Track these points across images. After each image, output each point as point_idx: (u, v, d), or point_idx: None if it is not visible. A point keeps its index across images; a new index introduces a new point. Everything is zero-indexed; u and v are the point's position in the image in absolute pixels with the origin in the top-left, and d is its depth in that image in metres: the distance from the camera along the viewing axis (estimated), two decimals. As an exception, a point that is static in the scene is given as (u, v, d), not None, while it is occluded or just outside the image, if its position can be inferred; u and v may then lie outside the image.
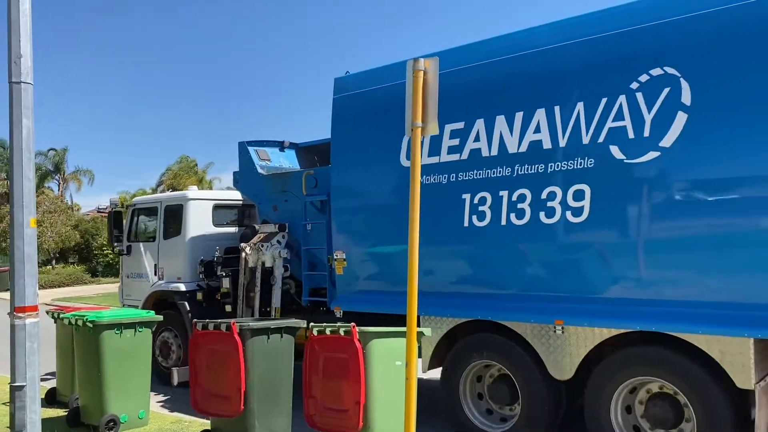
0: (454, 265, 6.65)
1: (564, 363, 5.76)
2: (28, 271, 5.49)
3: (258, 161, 9.25)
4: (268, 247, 8.26)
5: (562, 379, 5.80)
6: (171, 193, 12.32)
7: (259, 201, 9.20)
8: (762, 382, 4.89)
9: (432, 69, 4.73)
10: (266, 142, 9.69)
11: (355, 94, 7.59)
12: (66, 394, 7.84)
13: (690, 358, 5.11)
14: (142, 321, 7.09)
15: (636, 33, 5.53)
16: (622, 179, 5.46)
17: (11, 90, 5.49)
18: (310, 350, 5.84)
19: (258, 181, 9.05)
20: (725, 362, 4.91)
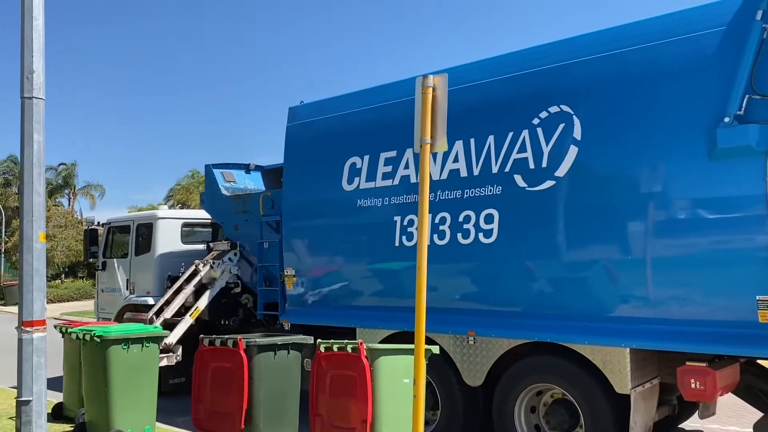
0: (386, 281, 7.25)
1: (476, 370, 6.34)
2: (36, 286, 5.48)
3: (223, 183, 9.88)
4: (219, 264, 8.88)
5: (474, 385, 6.37)
6: (143, 212, 12.99)
7: (222, 220, 9.84)
8: (639, 387, 5.46)
9: (441, 86, 4.70)
10: (233, 164, 10.33)
11: (306, 122, 8.26)
12: (73, 409, 7.74)
13: (579, 367, 5.69)
14: (150, 336, 7.03)
15: (538, 74, 6.18)
16: (524, 205, 6.08)
17: (23, 105, 5.52)
18: (316, 367, 5.87)
19: (221, 201, 9.69)
20: (606, 370, 5.49)
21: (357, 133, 7.59)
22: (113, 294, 10.74)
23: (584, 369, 5.66)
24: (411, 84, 7.36)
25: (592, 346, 5.58)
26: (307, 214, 8.11)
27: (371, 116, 7.50)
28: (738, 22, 5.10)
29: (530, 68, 6.24)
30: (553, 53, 6.15)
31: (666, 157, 5.33)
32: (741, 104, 4.94)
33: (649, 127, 5.43)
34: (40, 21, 5.56)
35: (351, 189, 7.47)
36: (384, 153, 7.25)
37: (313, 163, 8.06)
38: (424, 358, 4.57)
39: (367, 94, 7.75)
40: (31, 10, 5.55)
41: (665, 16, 5.63)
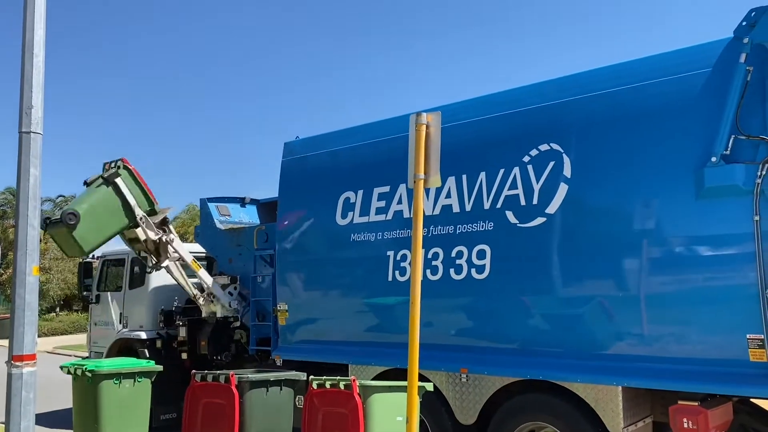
0: (379, 316, 7.24)
1: (469, 408, 6.29)
2: (27, 320, 5.43)
3: (217, 216, 9.92)
4: (217, 298, 8.85)
5: (466, 423, 6.31)
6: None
7: (216, 254, 9.84)
8: (631, 426, 5.43)
9: (434, 123, 4.79)
10: (228, 198, 10.38)
11: (301, 157, 8.34)
12: None
13: (571, 405, 5.65)
14: (142, 371, 6.99)
15: (528, 112, 6.29)
16: (516, 241, 6.11)
17: (21, 139, 5.55)
18: (308, 404, 5.83)
19: (215, 235, 9.71)
20: (599, 408, 5.46)
21: (351, 168, 7.66)
22: (106, 328, 10.66)
23: (577, 407, 5.62)
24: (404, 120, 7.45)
25: (585, 384, 5.56)
26: (301, 248, 8.13)
27: (365, 152, 7.58)
28: (723, 64, 5.21)
29: (521, 107, 6.34)
30: (543, 92, 6.26)
31: (655, 196, 5.38)
32: (727, 144, 5.01)
33: (638, 166, 5.50)
34: (40, 58, 5.65)
35: (345, 223, 7.51)
36: (377, 188, 7.31)
37: (308, 198, 8.11)
38: (417, 396, 4.51)
39: (361, 130, 7.84)
40: (32, 46, 5.66)
41: (653, 57, 5.76)
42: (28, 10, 5.70)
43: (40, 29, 5.69)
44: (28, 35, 5.66)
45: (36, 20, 5.69)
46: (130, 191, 8.21)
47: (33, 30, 5.67)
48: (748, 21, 5.12)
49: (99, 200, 8.08)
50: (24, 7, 5.71)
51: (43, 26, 5.73)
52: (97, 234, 8.03)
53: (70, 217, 7.65)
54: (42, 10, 5.74)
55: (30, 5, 5.69)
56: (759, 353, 4.78)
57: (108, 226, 8.14)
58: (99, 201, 8.08)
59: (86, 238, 7.87)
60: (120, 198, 8.14)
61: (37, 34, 5.68)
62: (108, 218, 8.11)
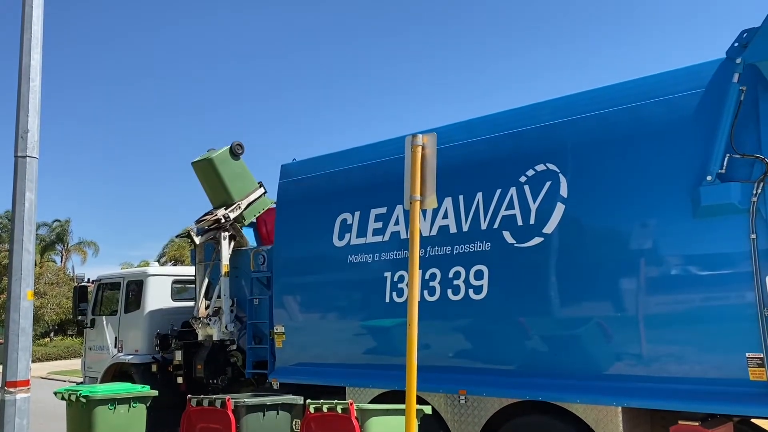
0: (377, 338, 7.19)
1: (468, 430, 6.23)
2: (22, 345, 5.38)
3: (214, 239, 9.87)
4: (215, 321, 8.79)
5: (466, 446, 6.24)
6: (133, 269, 12.94)
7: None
8: (632, 447, 5.37)
9: (430, 144, 4.82)
10: (224, 221, 10.36)
11: (297, 179, 8.35)
12: None
13: (572, 426, 5.60)
14: (137, 396, 6.93)
15: (524, 133, 6.33)
16: (513, 261, 6.11)
17: (17, 163, 5.54)
18: (305, 429, 5.76)
19: (212, 258, 9.66)
20: (599, 429, 5.41)
21: (347, 189, 7.67)
22: (101, 352, 10.57)
23: (577, 428, 5.57)
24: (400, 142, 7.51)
25: (584, 405, 5.51)
26: (298, 270, 8.10)
27: (361, 173, 7.60)
28: (716, 84, 5.27)
29: (516, 128, 6.38)
30: (538, 113, 6.30)
31: (651, 215, 5.40)
32: (722, 163, 5.05)
33: (634, 186, 5.53)
34: (36, 82, 5.68)
35: (342, 245, 7.50)
36: (374, 209, 7.31)
37: (305, 219, 8.11)
38: (415, 420, 4.47)
39: (357, 151, 7.87)
40: (29, 71, 5.69)
41: (647, 78, 5.82)
42: (24, 35, 5.74)
43: (36, 54, 5.74)
44: (25, 60, 5.71)
45: (33, 45, 5.73)
46: (255, 201, 9.61)
47: (30, 55, 5.71)
48: (740, 42, 5.19)
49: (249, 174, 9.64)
50: (21, 33, 5.75)
51: (39, 51, 5.77)
52: (225, 170, 9.23)
53: (238, 148, 9.31)
54: (39, 35, 5.78)
55: (27, 30, 5.74)
56: (759, 372, 4.76)
57: (233, 181, 9.31)
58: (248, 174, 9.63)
59: (222, 161, 9.17)
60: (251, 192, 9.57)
61: (34, 59, 5.72)
62: (238, 180, 9.38)
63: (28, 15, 5.74)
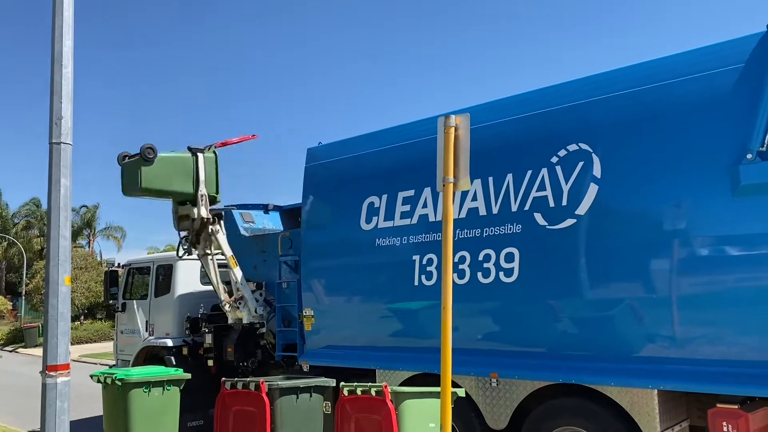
0: (406, 321, 7.18)
1: (500, 413, 6.21)
2: (61, 330, 5.40)
3: (242, 223, 9.93)
4: (244, 305, 8.86)
5: (497, 428, 6.22)
6: (162, 254, 13.08)
7: (240, 261, 9.81)
8: (668, 430, 5.31)
9: (463, 125, 4.70)
10: (251, 205, 10.39)
11: (324, 163, 8.32)
12: None
13: (605, 409, 5.54)
14: (170, 379, 6.96)
15: (556, 113, 6.20)
16: (545, 243, 6.03)
17: (51, 150, 5.54)
18: (340, 411, 5.82)
19: (240, 242, 9.70)
20: (634, 412, 5.35)
21: (375, 172, 7.62)
22: (132, 336, 10.73)
23: (611, 411, 5.52)
24: (428, 123, 7.47)
25: (619, 388, 5.45)
26: (326, 253, 8.11)
27: (389, 156, 7.54)
28: (757, 59, 5.10)
29: (548, 107, 6.26)
30: (571, 92, 6.17)
31: (688, 195, 5.28)
32: (763, 140, 4.91)
33: (671, 165, 5.40)
34: (69, 68, 5.66)
35: (369, 228, 7.48)
36: (402, 192, 7.26)
37: (332, 203, 8.10)
38: (450, 403, 4.44)
39: (384, 134, 7.81)
40: (61, 58, 5.68)
41: (684, 54, 5.65)
42: (56, 21, 5.72)
43: (68, 40, 5.71)
44: (57, 46, 5.68)
45: (64, 32, 5.71)
46: (205, 169, 8.66)
47: (61, 41, 5.69)
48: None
49: (177, 158, 8.57)
50: (52, 19, 5.74)
51: (71, 37, 5.75)
52: (160, 182, 8.37)
53: (149, 152, 8.14)
54: (70, 21, 5.77)
55: (58, 17, 5.72)
56: (801, 354, 4.65)
57: (173, 182, 8.50)
58: (177, 159, 8.57)
59: (150, 179, 8.23)
60: (195, 168, 8.60)
61: (66, 45, 5.70)
62: (176, 176, 8.52)
63: (59, 1, 5.71)
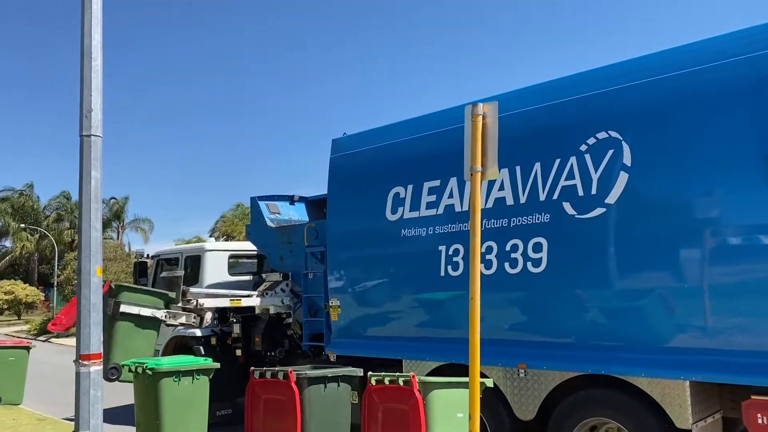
0: (432, 311, 7.17)
1: (528, 404, 6.17)
2: (93, 320, 5.53)
3: (268, 214, 9.99)
4: (272, 294, 8.93)
5: (525, 419, 6.19)
6: (191, 245, 13.25)
7: (267, 251, 9.92)
8: (701, 422, 5.23)
9: (491, 113, 4.65)
10: (277, 196, 10.46)
11: (349, 154, 8.32)
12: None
13: (636, 400, 5.48)
14: (200, 369, 7.04)
15: (584, 100, 6.11)
16: (574, 233, 5.96)
17: (82, 143, 5.64)
18: (368, 400, 5.84)
19: (266, 233, 9.78)
20: (665, 403, 5.28)
21: (400, 163, 7.60)
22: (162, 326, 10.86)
23: (641, 402, 5.45)
24: (454, 113, 7.41)
25: (649, 379, 5.38)
26: (352, 244, 8.12)
27: (414, 146, 7.51)
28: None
29: (576, 94, 6.17)
30: (599, 79, 6.07)
31: (721, 182, 5.17)
32: (800, 126, 4.77)
33: (703, 152, 5.29)
34: (98, 61, 5.73)
35: (395, 219, 7.46)
36: (427, 182, 7.23)
37: (357, 194, 8.10)
38: (479, 393, 4.42)
39: (409, 124, 7.78)
40: (90, 51, 5.76)
41: (717, 38, 5.52)
42: (85, 16, 5.81)
43: (97, 34, 5.78)
44: (86, 40, 5.76)
45: (93, 26, 5.80)
46: (139, 306, 7.96)
47: (90, 35, 5.77)
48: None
49: (124, 336, 7.84)
50: (81, 14, 5.82)
51: (100, 31, 5.82)
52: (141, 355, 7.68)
53: (112, 372, 7.53)
54: (99, 16, 5.83)
55: (87, 12, 5.80)
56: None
57: (146, 344, 8.05)
58: (124, 337, 7.84)
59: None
60: (136, 320, 7.91)
61: (95, 39, 5.77)
62: (141, 340, 7.98)
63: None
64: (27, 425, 9.60)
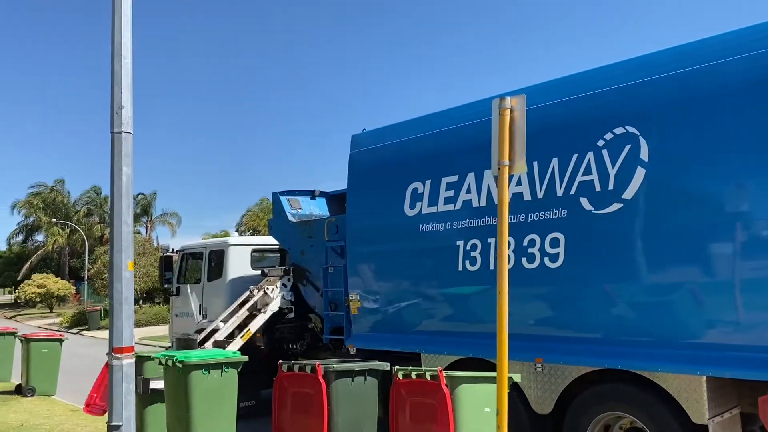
0: (450, 306, 7.23)
1: (545, 398, 6.21)
2: (125, 313, 5.54)
3: (289, 209, 10.14)
4: (273, 289, 9.08)
5: (542, 413, 6.23)
6: (214, 239, 13.45)
7: (288, 246, 10.07)
8: (717, 417, 5.22)
9: (519, 106, 4.68)
10: (298, 191, 10.60)
11: (368, 149, 8.41)
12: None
13: (652, 395, 5.49)
14: (229, 362, 7.09)
15: (603, 95, 6.09)
16: (591, 228, 5.96)
17: (113, 139, 5.64)
18: (395, 394, 5.84)
19: (288, 227, 9.93)
20: (681, 398, 5.28)
21: (418, 158, 7.66)
22: (187, 319, 11.12)
23: (657, 397, 5.45)
24: (469, 109, 7.46)
25: (666, 374, 5.38)
26: (371, 239, 8.21)
27: (432, 142, 7.56)
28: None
29: (594, 89, 6.16)
30: (617, 74, 6.05)
31: (739, 177, 5.14)
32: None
33: (720, 147, 5.26)
34: (128, 60, 5.73)
35: (413, 214, 7.53)
36: (445, 178, 7.28)
37: (376, 189, 8.18)
38: (506, 388, 4.39)
39: (426, 120, 7.82)
40: (121, 49, 5.73)
41: (733, 33, 5.47)
42: (115, 14, 5.76)
43: (127, 32, 5.76)
44: (116, 38, 5.73)
45: (123, 24, 5.75)
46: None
47: (120, 33, 5.73)
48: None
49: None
50: (111, 12, 5.78)
51: (129, 29, 5.78)
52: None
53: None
54: (128, 13, 5.79)
55: (117, 10, 5.76)
56: None
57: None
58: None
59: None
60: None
61: (125, 37, 5.74)
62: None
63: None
64: (60, 416, 9.89)
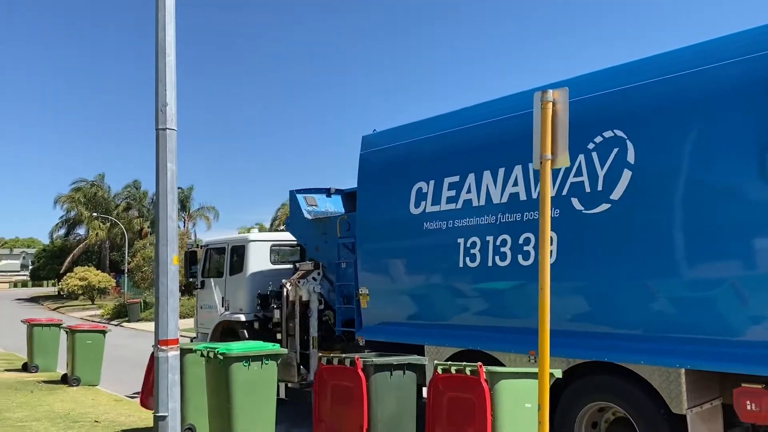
0: (451, 301, 7.57)
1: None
2: (171, 306, 5.63)
3: (305, 207, 10.56)
4: (304, 283, 9.51)
5: (535, 403, 6.54)
6: (236, 235, 13.98)
7: (304, 242, 10.51)
8: (696, 408, 5.46)
9: (561, 99, 4.61)
10: (315, 189, 11.02)
11: (377, 150, 8.77)
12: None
13: (636, 386, 5.76)
14: (268, 354, 7.14)
15: (592, 100, 6.34)
16: (581, 227, 6.24)
17: (158, 136, 5.72)
18: (433, 389, 5.83)
19: (304, 224, 10.35)
20: (662, 390, 5.54)
21: (423, 159, 8.00)
22: (210, 311, 11.67)
23: (641, 388, 5.72)
24: (473, 112, 7.77)
25: (648, 366, 5.64)
26: (379, 236, 8.58)
27: (436, 143, 7.89)
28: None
29: (585, 94, 6.39)
30: (606, 80, 6.30)
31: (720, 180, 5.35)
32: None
33: (704, 151, 5.47)
34: (172, 57, 5.85)
35: (418, 213, 7.88)
36: (448, 178, 7.61)
37: (384, 189, 8.54)
38: (548, 383, 4.43)
39: (432, 121, 8.15)
40: (164, 47, 5.87)
41: (719, 39, 5.67)
42: (159, 12, 5.88)
43: (170, 29, 5.90)
44: (160, 35, 5.86)
45: (167, 21, 5.88)
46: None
47: (165, 30, 5.86)
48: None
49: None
50: (156, 10, 5.91)
51: (173, 27, 5.92)
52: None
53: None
54: (172, 11, 5.94)
55: (161, 7, 5.88)
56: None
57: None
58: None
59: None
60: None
61: (169, 34, 5.88)
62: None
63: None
64: (105, 405, 10.39)
